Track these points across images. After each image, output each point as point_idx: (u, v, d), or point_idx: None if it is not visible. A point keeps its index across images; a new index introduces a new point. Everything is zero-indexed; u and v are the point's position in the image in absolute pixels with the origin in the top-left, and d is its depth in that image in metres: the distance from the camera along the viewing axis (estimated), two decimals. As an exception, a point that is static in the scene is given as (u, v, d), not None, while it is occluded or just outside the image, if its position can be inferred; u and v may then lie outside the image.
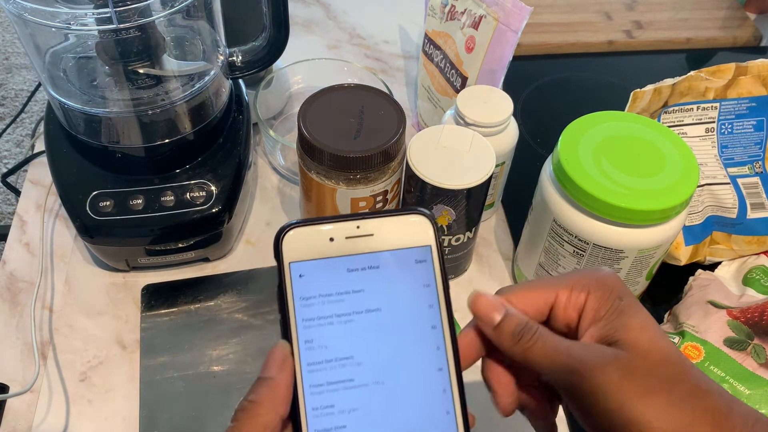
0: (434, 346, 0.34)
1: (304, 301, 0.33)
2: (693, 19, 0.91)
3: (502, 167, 0.63)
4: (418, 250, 0.34)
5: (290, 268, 0.33)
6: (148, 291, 0.61)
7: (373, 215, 0.34)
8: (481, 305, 0.34)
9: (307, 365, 0.32)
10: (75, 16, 0.51)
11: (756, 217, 0.62)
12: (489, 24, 0.61)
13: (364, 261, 0.34)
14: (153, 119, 0.57)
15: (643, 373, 0.31)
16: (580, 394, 0.32)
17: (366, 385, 0.33)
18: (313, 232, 0.34)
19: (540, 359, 0.33)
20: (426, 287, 0.34)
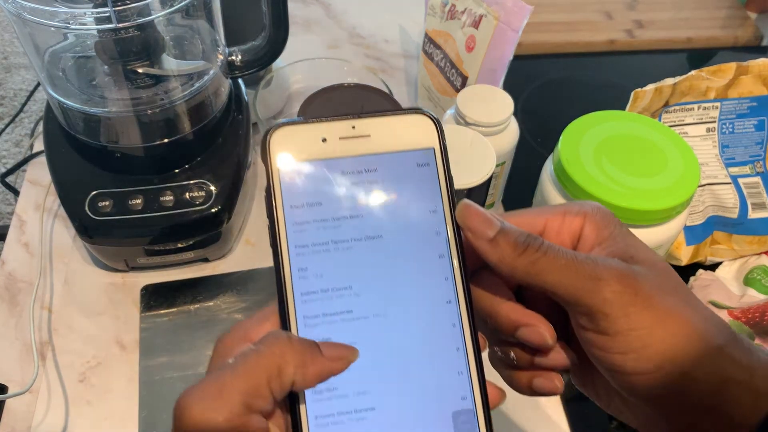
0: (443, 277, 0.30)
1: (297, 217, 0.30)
2: (694, 18, 0.91)
3: (502, 167, 0.63)
4: (420, 153, 0.31)
5: (280, 173, 0.30)
6: (147, 291, 0.61)
7: (370, 114, 0.31)
8: (473, 216, 0.30)
9: (301, 295, 0.29)
10: (74, 16, 0.51)
11: (757, 217, 0.62)
12: (489, 23, 0.61)
13: (359, 163, 0.30)
14: (152, 119, 0.57)
15: (670, 289, 0.29)
16: (610, 310, 0.28)
17: (366, 318, 0.30)
18: (304, 131, 0.30)
19: (555, 270, 0.28)
20: (430, 193, 0.31)
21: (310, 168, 0.30)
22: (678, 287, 0.29)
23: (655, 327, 0.28)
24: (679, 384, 0.28)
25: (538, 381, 0.32)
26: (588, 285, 0.28)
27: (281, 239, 0.30)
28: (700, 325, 0.28)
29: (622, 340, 0.28)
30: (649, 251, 0.30)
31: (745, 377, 0.28)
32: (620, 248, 0.30)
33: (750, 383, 0.27)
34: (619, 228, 0.31)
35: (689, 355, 0.27)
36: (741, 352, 0.28)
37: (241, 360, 0.26)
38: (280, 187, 0.30)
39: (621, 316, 0.28)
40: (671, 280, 0.29)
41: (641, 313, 0.28)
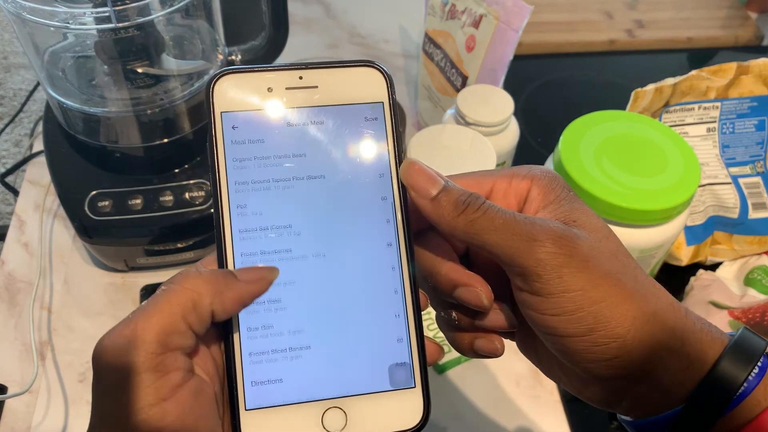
0: (384, 219, 0.30)
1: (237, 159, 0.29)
2: (694, 18, 0.91)
3: (502, 167, 0.63)
4: (368, 107, 0.31)
5: (222, 118, 0.29)
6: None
7: (318, 65, 0.30)
8: (416, 174, 0.30)
9: (239, 232, 0.29)
10: (74, 15, 0.51)
11: (757, 217, 0.62)
12: (489, 23, 0.61)
13: (306, 115, 0.30)
14: (152, 119, 0.57)
15: (607, 254, 0.29)
16: (543, 269, 0.28)
17: (305, 257, 0.29)
18: (249, 79, 0.30)
19: (493, 230, 0.28)
20: (376, 148, 0.30)
21: (254, 116, 0.30)
22: (618, 253, 0.29)
23: (588, 290, 0.27)
24: (612, 347, 0.27)
25: (479, 342, 0.32)
26: (523, 245, 0.28)
27: (220, 176, 0.29)
28: (635, 291, 0.28)
29: (555, 302, 0.28)
30: (593, 217, 0.30)
31: (677, 344, 0.27)
32: (564, 211, 0.30)
33: (682, 350, 0.27)
34: (566, 192, 0.31)
35: (621, 319, 0.27)
36: (676, 319, 0.28)
37: (152, 301, 0.26)
38: (222, 132, 0.29)
39: (554, 277, 0.27)
40: (611, 245, 0.29)
41: (575, 275, 0.27)
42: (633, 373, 0.28)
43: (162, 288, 0.27)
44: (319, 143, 0.30)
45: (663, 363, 0.27)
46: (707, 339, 0.28)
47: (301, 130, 0.30)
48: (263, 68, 0.30)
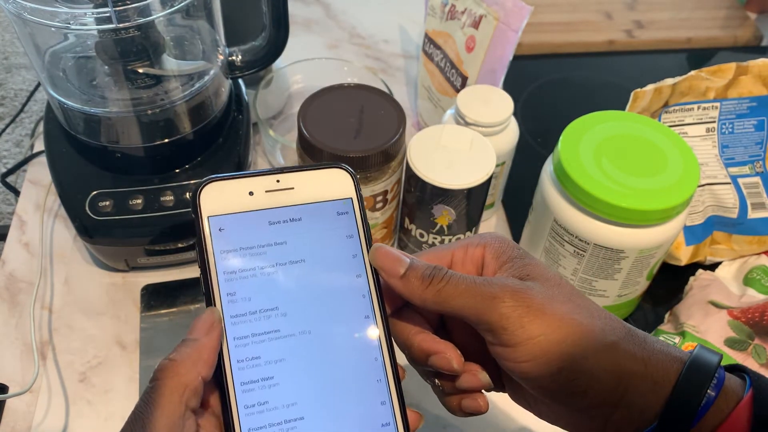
0: (360, 295, 0.34)
1: (225, 254, 0.32)
2: (694, 18, 0.91)
3: (502, 167, 0.63)
4: (340, 203, 0.34)
5: (209, 222, 0.32)
6: (147, 291, 0.61)
7: (294, 169, 0.34)
8: (383, 257, 0.33)
9: (231, 318, 0.32)
10: (74, 16, 0.51)
11: (757, 217, 0.62)
12: (489, 23, 0.61)
13: (285, 214, 0.33)
14: (152, 119, 0.57)
15: (562, 299, 0.32)
16: (507, 323, 0.31)
17: (293, 335, 0.32)
18: (232, 185, 0.33)
19: (457, 295, 0.32)
20: (349, 238, 0.34)
21: (239, 219, 0.33)
22: (571, 296, 0.32)
23: (549, 334, 0.31)
24: (581, 382, 0.30)
25: (464, 402, 0.35)
26: (486, 303, 0.31)
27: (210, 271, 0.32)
28: (593, 326, 0.31)
29: (523, 350, 0.31)
30: (544, 269, 0.33)
31: (640, 368, 0.30)
32: (518, 268, 0.33)
33: (645, 373, 0.30)
34: (517, 251, 0.34)
35: (585, 354, 0.30)
36: (635, 346, 0.31)
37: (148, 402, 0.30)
38: (210, 234, 0.32)
39: (518, 327, 0.31)
40: (564, 290, 0.32)
41: (535, 322, 0.31)
42: (607, 400, 0.31)
43: (150, 386, 0.30)
44: (298, 234, 0.34)
45: (632, 387, 0.30)
46: (667, 360, 0.31)
47: (281, 225, 0.33)
48: (244, 175, 0.34)
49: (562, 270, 0.55)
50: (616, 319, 0.32)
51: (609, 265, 0.52)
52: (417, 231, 0.59)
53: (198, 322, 0.32)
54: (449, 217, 0.56)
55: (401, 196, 0.60)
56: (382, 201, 0.57)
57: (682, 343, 0.54)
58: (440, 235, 0.58)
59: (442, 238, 0.58)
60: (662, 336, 0.56)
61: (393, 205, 0.59)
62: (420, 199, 0.56)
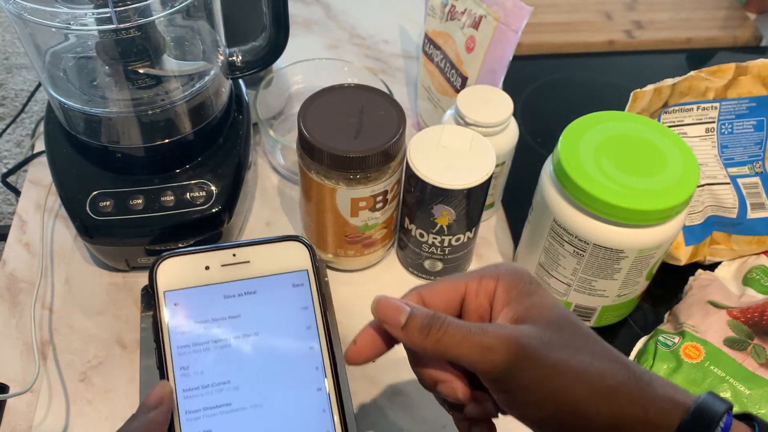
0: (313, 367, 0.34)
1: (179, 328, 0.33)
2: (693, 19, 0.91)
3: (502, 167, 0.63)
4: (295, 275, 0.35)
5: (164, 297, 0.33)
6: (147, 291, 0.60)
7: (250, 243, 0.35)
8: (384, 309, 0.34)
9: (183, 391, 0.32)
10: (75, 16, 0.51)
11: (756, 217, 0.62)
12: (489, 24, 0.61)
13: (240, 287, 0.34)
14: (153, 119, 0.57)
15: (560, 344, 0.32)
16: (500, 373, 0.32)
17: (244, 409, 0.33)
18: (188, 260, 0.34)
19: (454, 345, 0.33)
20: (304, 309, 0.35)
21: (194, 293, 0.33)
22: (574, 338, 0.33)
23: (543, 382, 0.31)
24: (577, 426, 0.31)
25: (474, 429, 0.36)
26: (482, 354, 0.32)
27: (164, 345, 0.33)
28: (590, 371, 0.31)
29: (518, 397, 0.32)
30: (548, 309, 0.34)
31: (640, 413, 0.30)
32: (523, 308, 0.34)
33: (646, 419, 0.30)
34: (528, 286, 0.35)
35: (579, 399, 0.31)
36: (637, 390, 0.31)
37: None
38: (165, 308, 0.33)
39: (510, 377, 0.32)
40: (565, 333, 0.33)
41: (528, 371, 0.31)
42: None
43: None
44: (253, 307, 0.34)
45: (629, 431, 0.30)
46: (669, 406, 0.30)
47: (236, 299, 0.34)
48: (201, 249, 0.34)
49: (561, 270, 0.55)
50: (621, 360, 0.32)
51: (608, 265, 0.52)
52: (417, 231, 0.59)
53: (149, 396, 0.32)
54: (449, 217, 0.56)
55: (401, 196, 0.60)
56: (382, 201, 0.57)
57: (682, 343, 0.54)
58: (440, 235, 0.58)
59: (441, 238, 0.58)
60: (662, 336, 0.56)
61: (393, 205, 0.60)
62: (420, 199, 0.56)
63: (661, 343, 0.55)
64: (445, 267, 0.62)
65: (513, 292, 0.35)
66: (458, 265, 0.62)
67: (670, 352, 0.54)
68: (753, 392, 0.51)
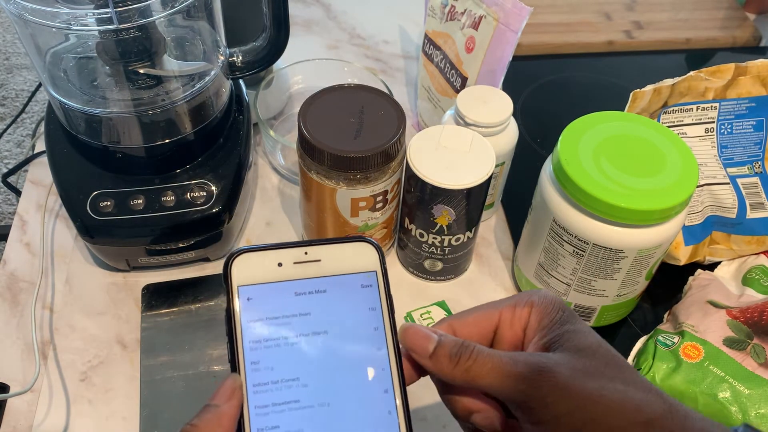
0: (380, 368, 0.34)
1: (251, 323, 0.34)
2: (693, 19, 0.91)
3: (502, 167, 0.63)
4: (364, 276, 0.35)
5: (238, 292, 0.34)
6: (148, 291, 0.61)
7: (321, 242, 0.36)
8: (412, 337, 0.34)
9: (253, 386, 0.33)
10: (75, 17, 0.51)
11: (755, 217, 0.62)
12: (489, 24, 0.61)
13: (311, 285, 0.35)
14: (153, 119, 0.57)
15: (593, 372, 0.31)
16: (532, 403, 0.31)
17: (312, 407, 0.33)
18: (262, 257, 0.35)
19: (484, 375, 0.32)
20: (372, 311, 0.35)
21: (267, 289, 0.34)
22: (607, 366, 0.32)
23: (574, 412, 0.30)
24: None
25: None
26: (512, 384, 0.31)
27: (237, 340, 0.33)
28: (625, 402, 0.30)
29: (548, 427, 0.31)
30: (582, 336, 0.33)
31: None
32: (555, 337, 0.33)
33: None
34: (560, 314, 0.34)
35: (616, 431, 0.30)
36: (674, 423, 0.30)
37: None
38: (238, 303, 0.34)
39: (542, 407, 0.31)
40: (598, 361, 0.32)
41: (560, 402, 0.30)
42: None
43: None
44: (323, 305, 0.34)
45: None
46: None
47: (307, 296, 0.34)
48: (274, 246, 0.35)
49: (561, 269, 0.55)
50: (656, 392, 0.32)
51: (608, 265, 0.53)
52: (417, 231, 0.59)
53: (220, 389, 0.32)
54: (449, 217, 0.56)
55: (401, 196, 0.60)
56: (382, 201, 0.57)
57: (681, 343, 0.54)
58: (440, 235, 0.58)
59: (441, 238, 0.58)
60: (661, 335, 0.56)
61: (393, 205, 0.60)
62: (420, 199, 0.56)
63: (661, 343, 0.55)
64: (445, 267, 0.62)
65: (546, 320, 0.34)
66: (458, 265, 0.63)
67: (670, 352, 0.54)
68: (752, 392, 0.51)
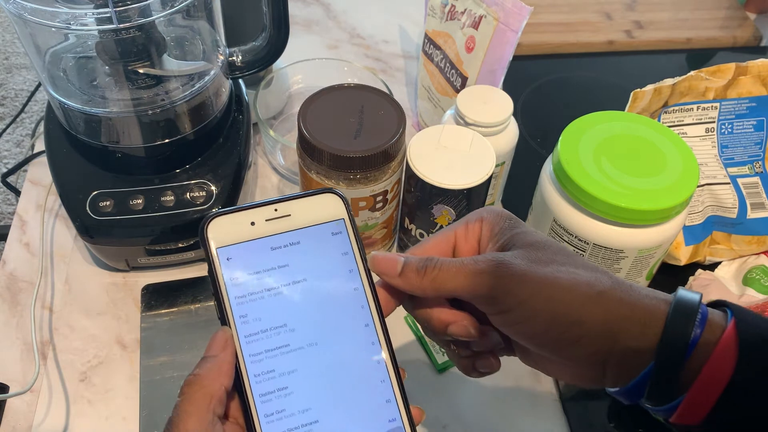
0: (359, 305, 0.37)
1: (235, 280, 0.36)
2: (693, 19, 0.91)
3: (502, 167, 0.63)
4: (333, 224, 0.38)
5: (218, 254, 0.36)
6: (148, 291, 0.61)
7: (289, 198, 0.37)
8: (381, 262, 0.37)
9: (245, 337, 0.35)
10: (75, 16, 0.51)
11: (756, 217, 0.62)
12: (489, 24, 0.61)
13: (285, 239, 0.37)
14: (153, 119, 0.57)
15: (546, 260, 0.34)
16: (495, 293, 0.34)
17: (302, 348, 0.36)
18: (234, 218, 0.36)
19: (451, 278, 0.35)
20: (344, 255, 0.37)
21: (244, 248, 0.36)
22: (555, 255, 0.35)
23: (534, 294, 0.33)
24: (573, 332, 0.33)
25: (479, 363, 0.39)
26: (476, 280, 0.35)
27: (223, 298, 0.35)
28: (577, 280, 0.34)
29: (514, 314, 0.34)
30: (529, 236, 0.36)
31: (628, 312, 0.33)
32: (506, 239, 0.36)
33: (633, 317, 0.33)
34: (507, 223, 0.37)
35: (571, 306, 0.33)
36: (622, 293, 0.33)
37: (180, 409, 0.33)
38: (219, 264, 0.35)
39: (505, 295, 0.34)
40: (547, 252, 0.35)
41: (520, 288, 0.34)
42: (600, 347, 0.33)
43: (179, 399, 0.33)
44: (298, 256, 0.37)
45: (622, 331, 0.33)
46: (653, 303, 0.33)
47: (283, 249, 0.37)
48: (245, 207, 0.37)
49: (561, 270, 0.55)
50: (603, 271, 0.35)
51: (608, 265, 0.53)
52: (417, 231, 0.59)
53: (213, 341, 0.34)
54: (449, 217, 0.56)
55: (401, 196, 0.60)
56: (382, 201, 0.57)
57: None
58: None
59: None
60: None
61: (393, 205, 0.60)
62: (420, 199, 0.56)
63: (661, 343, 0.55)
64: (445, 267, 0.62)
65: (496, 228, 0.37)
66: (458, 265, 0.62)
67: (670, 352, 0.54)
68: (753, 392, 0.50)
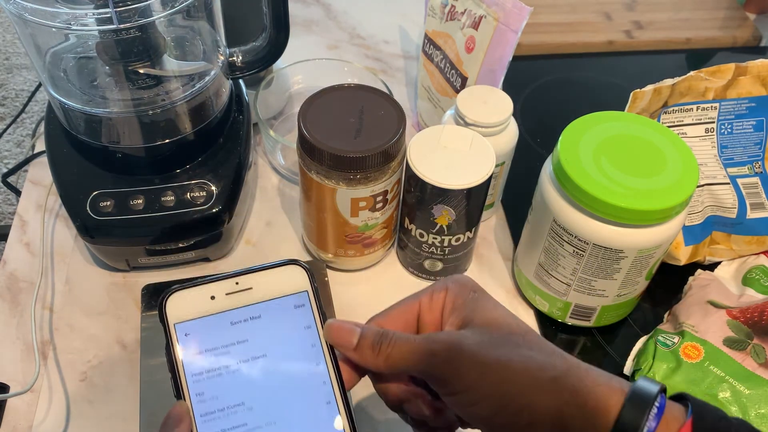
0: (320, 382, 0.36)
1: (192, 357, 0.35)
2: (693, 19, 0.91)
3: (502, 167, 0.63)
4: (296, 297, 0.37)
5: (175, 329, 0.35)
6: (148, 291, 0.61)
7: (250, 271, 0.37)
8: (336, 332, 0.36)
9: (201, 416, 0.34)
10: (75, 17, 0.51)
11: (756, 217, 0.62)
12: (489, 24, 0.61)
13: (245, 313, 0.36)
14: (153, 119, 0.57)
15: (499, 342, 0.34)
16: (446, 375, 0.33)
17: (259, 428, 0.35)
18: (194, 292, 0.36)
19: (402, 358, 0.35)
20: (307, 328, 0.37)
21: (203, 323, 0.35)
22: (512, 335, 0.35)
23: (485, 378, 0.33)
24: (524, 416, 0.32)
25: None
26: (428, 360, 0.34)
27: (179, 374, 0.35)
28: (529, 364, 0.33)
29: (465, 396, 0.33)
30: (488, 312, 0.36)
31: (581, 401, 0.32)
32: (466, 314, 0.36)
33: (586, 405, 0.32)
34: (470, 296, 0.37)
35: (522, 391, 0.32)
36: (576, 379, 0.33)
37: None
38: (176, 340, 0.35)
39: (455, 378, 0.33)
40: (502, 331, 0.35)
41: (470, 371, 0.33)
42: None
43: None
44: (259, 330, 0.36)
45: (573, 419, 0.32)
46: (608, 392, 0.32)
47: (242, 324, 0.36)
48: (205, 281, 0.36)
49: (561, 270, 0.55)
50: (559, 353, 0.34)
51: (608, 265, 0.53)
52: (417, 231, 0.59)
53: (171, 415, 0.34)
54: (449, 217, 0.56)
55: (401, 196, 0.60)
56: (382, 201, 0.57)
57: (681, 343, 0.54)
58: (440, 235, 0.58)
59: (441, 238, 0.58)
60: (661, 335, 0.56)
61: (393, 205, 0.60)
62: (420, 199, 0.56)
63: (661, 343, 0.55)
64: (445, 267, 0.62)
65: (459, 301, 0.37)
66: (458, 265, 0.63)
67: (670, 352, 0.54)
68: (752, 392, 0.51)
